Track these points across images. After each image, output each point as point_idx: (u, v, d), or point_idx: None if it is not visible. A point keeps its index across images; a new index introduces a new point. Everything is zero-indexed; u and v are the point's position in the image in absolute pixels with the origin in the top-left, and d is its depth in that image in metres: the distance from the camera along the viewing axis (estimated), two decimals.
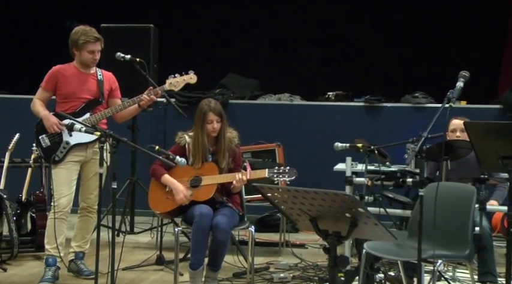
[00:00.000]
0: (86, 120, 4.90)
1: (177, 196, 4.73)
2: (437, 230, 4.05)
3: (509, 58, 8.85)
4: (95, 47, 5.03)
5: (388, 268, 4.99)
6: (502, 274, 4.22)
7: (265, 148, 6.48)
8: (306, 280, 5.16)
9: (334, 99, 7.94)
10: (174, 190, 4.75)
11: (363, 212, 2.79)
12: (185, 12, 9.35)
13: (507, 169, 4.05)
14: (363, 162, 5.23)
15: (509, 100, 7.30)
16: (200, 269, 4.60)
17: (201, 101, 4.96)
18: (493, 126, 4.46)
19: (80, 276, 5.15)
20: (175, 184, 4.77)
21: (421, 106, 7.52)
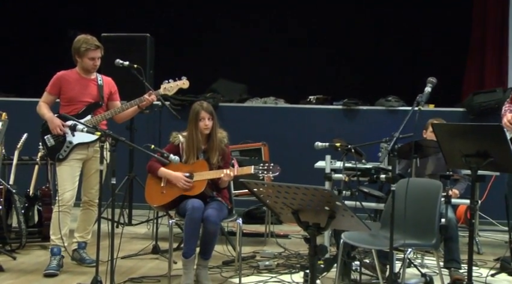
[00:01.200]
0: (88, 121, 4.89)
1: (179, 184, 4.71)
2: (408, 221, 4.08)
3: (471, 66, 8.91)
4: (95, 54, 5.03)
5: (363, 256, 5.01)
6: (465, 260, 4.25)
7: (252, 147, 6.49)
8: (289, 268, 5.17)
9: (315, 102, 7.96)
10: (174, 179, 4.73)
11: (340, 205, 2.81)
12: (179, 23, 9.35)
13: (469, 166, 4.09)
14: (341, 160, 5.26)
15: (472, 104, 7.34)
16: (192, 258, 4.60)
17: (194, 103, 4.97)
18: (457, 127, 4.51)
19: (83, 264, 5.15)
20: (172, 174, 4.75)
21: (393, 109, 7.56)
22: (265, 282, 4.81)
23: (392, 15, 9.02)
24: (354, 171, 5.16)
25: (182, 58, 8.60)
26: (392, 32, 9.05)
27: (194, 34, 9.35)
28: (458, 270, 4.75)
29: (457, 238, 4.84)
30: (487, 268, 5.22)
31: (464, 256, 4.40)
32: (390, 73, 8.84)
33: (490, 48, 8.72)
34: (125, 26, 7.37)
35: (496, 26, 8.69)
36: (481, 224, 6.66)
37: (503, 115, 4.60)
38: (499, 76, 8.59)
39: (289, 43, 9.13)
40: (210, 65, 8.85)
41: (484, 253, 5.95)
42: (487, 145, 3.99)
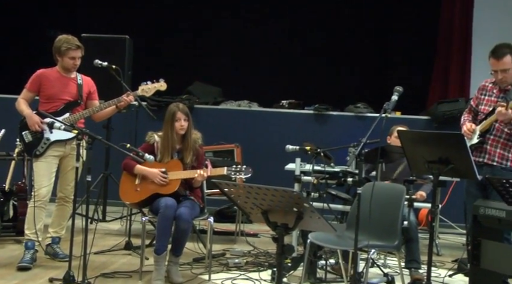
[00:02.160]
0: (66, 119, 4.86)
1: (156, 179, 4.70)
2: (372, 223, 4.11)
3: (437, 76, 9.01)
4: (75, 54, 4.99)
5: (329, 256, 5.03)
6: (425, 261, 4.29)
7: (225, 148, 6.48)
8: (257, 266, 5.17)
9: (287, 106, 7.97)
10: (150, 175, 4.73)
11: (308, 207, 2.82)
12: (157, 26, 9.30)
13: (432, 171, 4.14)
14: (310, 163, 5.29)
15: (436, 112, 7.41)
16: (164, 254, 4.58)
17: (170, 105, 4.96)
18: (421, 134, 4.55)
19: (56, 259, 5.10)
20: (148, 170, 4.74)
21: (362, 115, 7.60)
22: (234, 279, 4.80)
23: (363, 27, 9.10)
24: (323, 173, 5.19)
25: (160, 60, 8.57)
26: (363, 42, 9.14)
27: (172, 37, 9.31)
28: (418, 270, 4.80)
29: (418, 239, 4.91)
30: (446, 269, 5.29)
31: (424, 257, 4.45)
32: (360, 81, 8.92)
33: (455, 61, 8.83)
34: (104, 28, 7.32)
35: (461, 40, 8.81)
36: (441, 227, 6.73)
37: (462, 125, 4.66)
38: (461, 87, 8.70)
39: (263, 48, 9.14)
40: (187, 68, 8.82)
41: (443, 254, 6.02)
42: (449, 152, 4.03)
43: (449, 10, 8.89)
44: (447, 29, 8.92)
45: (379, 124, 4.05)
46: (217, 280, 4.78)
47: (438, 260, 5.70)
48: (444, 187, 6.10)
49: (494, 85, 4.61)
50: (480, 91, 4.70)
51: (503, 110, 4.29)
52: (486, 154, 4.51)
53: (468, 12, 8.81)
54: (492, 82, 4.64)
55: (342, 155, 6.21)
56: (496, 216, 3.80)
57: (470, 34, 8.75)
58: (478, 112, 4.66)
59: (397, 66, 9.02)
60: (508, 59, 4.43)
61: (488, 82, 4.66)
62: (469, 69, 8.63)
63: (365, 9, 9.15)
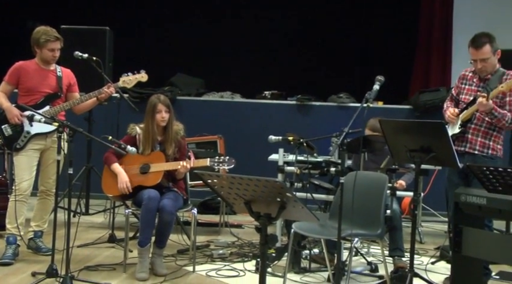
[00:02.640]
0: (46, 112, 4.82)
1: (120, 185, 4.71)
2: (355, 212, 4.14)
3: (418, 66, 9.08)
4: (54, 45, 4.94)
5: (313, 245, 5.05)
6: (408, 249, 4.33)
7: (208, 140, 6.48)
8: (242, 256, 5.18)
9: (270, 97, 7.97)
10: (118, 179, 4.73)
11: (291, 197, 2.82)
12: (138, 16, 9.26)
13: (414, 160, 4.17)
14: (293, 153, 5.30)
15: (418, 102, 7.45)
16: (148, 247, 4.58)
17: (151, 96, 4.94)
18: (403, 123, 4.58)
19: (38, 253, 5.06)
20: (121, 174, 4.75)
21: (344, 105, 7.61)
22: (219, 270, 4.81)
23: (345, 18, 9.14)
24: (306, 164, 5.21)
25: (141, 51, 8.53)
26: (345, 33, 9.18)
27: (153, 28, 9.28)
28: (402, 258, 4.83)
29: (401, 228, 4.93)
30: (428, 256, 5.33)
31: (407, 245, 4.47)
32: (342, 72, 8.94)
33: (436, 50, 8.91)
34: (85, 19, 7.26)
35: (441, 29, 8.88)
36: (424, 216, 6.78)
37: (445, 111, 4.69)
38: (443, 76, 8.78)
39: (246, 40, 9.14)
40: (169, 59, 8.79)
41: (425, 242, 6.06)
42: (430, 141, 4.07)
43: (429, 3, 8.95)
44: (428, 18, 8.99)
45: (361, 114, 4.07)
46: (202, 271, 4.78)
47: (421, 248, 5.75)
48: (426, 175, 6.23)
49: (474, 75, 4.64)
50: (460, 81, 4.73)
51: (484, 101, 4.32)
52: (468, 143, 4.55)
53: (448, 2, 8.88)
54: (472, 71, 4.67)
55: (325, 145, 6.22)
56: (477, 203, 3.83)
57: (451, 23, 8.83)
58: (459, 101, 4.69)
59: (379, 56, 9.06)
60: (487, 49, 4.45)
61: (468, 72, 4.69)
62: (450, 59, 8.71)
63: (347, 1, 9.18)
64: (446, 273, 4.66)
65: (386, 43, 9.10)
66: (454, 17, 8.89)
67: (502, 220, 4.82)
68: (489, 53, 4.45)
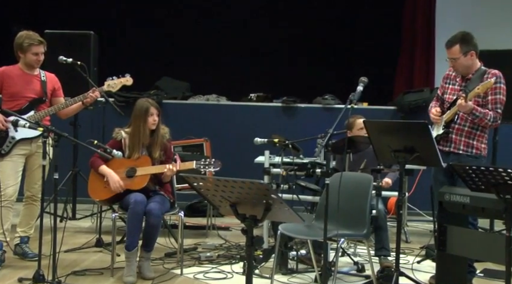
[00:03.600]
0: (30, 117, 4.79)
1: (113, 185, 4.70)
2: (341, 213, 4.15)
3: (402, 67, 9.14)
4: (38, 49, 4.93)
5: (299, 246, 5.06)
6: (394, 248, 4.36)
7: (194, 142, 6.48)
8: (229, 258, 5.19)
9: (255, 100, 7.99)
10: (110, 179, 4.72)
11: (276, 198, 2.83)
12: (123, 21, 9.25)
13: (398, 160, 4.20)
14: (279, 155, 5.32)
15: (402, 102, 7.50)
16: (135, 250, 4.57)
17: (139, 100, 4.94)
18: (387, 124, 4.62)
19: (25, 258, 5.03)
20: (111, 174, 4.74)
21: (330, 106, 7.64)
22: (206, 273, 4.81)
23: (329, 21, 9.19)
24: (292, 165, 5.22)
25: (126, 56, 8.52)
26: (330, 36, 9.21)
27: (138, 32, 9.25)
28: (388, 258, 4.85)
29: (387, 228, 4.95)
30: (414, 256, 5.37)
31: (393, 244, 4.50)
32: (327, 74, 8.97)
33: (419, 52, 8.98)
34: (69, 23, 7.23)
35: (424, 31, 8.96)
36: (410, 215, 6.82)
37: (429, 111, 4.74)
38: (426, 77, 8.85)
39: (231, 43, 9.17)
40: (154, 63, 8.79)
41: (411, 241, 6.11)
42: (414, 141, 4.10)
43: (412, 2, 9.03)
44: (411, 20, 9.07)
45: (345, 115, 4.10)
46: (190, 274, 4.78)
47: (407, 247, 5.79)
48: (411, 175, 6.25)
49: (457, 74, 4.68)
50: (445, 80, 4.78)
51: (463, 102, 4.38)
52: (452, 143, 4.59)
53: (431, 4, 8.95)
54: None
55: (310, 147, 6.25)
56: (461, 202, 3.87)
57: (434, 25, 8.91)
58: (444, 101, 4.74)
59: (363, 58, 9.10)
60: (456, 49, 4.52)
61: (451, 71, 4.74)
62: (433, 60, 8.77)
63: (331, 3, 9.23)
64: (432, 272, 4.69)
65: (370, 45, 9.15)
66: (437, 19, 8.96)
67: (485, 218, 4.89)
68: (458, 53, 4.51)
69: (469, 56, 4.53)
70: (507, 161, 6.68)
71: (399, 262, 4.27)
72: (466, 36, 4.54)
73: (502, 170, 3.31)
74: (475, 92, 4.37)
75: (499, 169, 3.33)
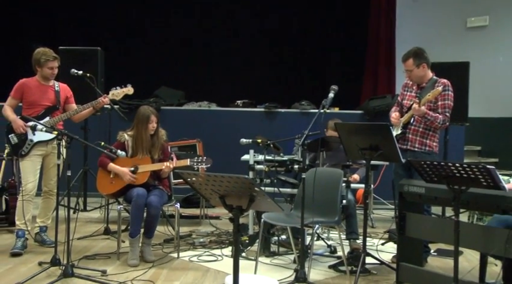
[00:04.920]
0: (46, 122, 4.78)
1: (125, 177, 4.68)
2: (315, 203, 4.17)
3: (368, 76, 9.21)
4: (53, 64, 4.92)
5: (280, 232, 5.08)
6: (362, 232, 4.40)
7: (189, 143, 6.47)
8: (219, 243, 5.19)
9: (241, 105, 7.99)
10: (120, 173, 4.70)
11: (259, 191, 2.84)
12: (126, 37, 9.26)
13: (364, 157, 4.24)
14: (262, 153, 5.34)
15: (368, 107, 7.52)
16: (138, 237, 4.57)
17: (141, 107, 4.92)
18: (355, 126, 4.65)
19: (44, 245, 5.03)
20: (120, 169, 4.73)
21: (306, 111, 7.65)
22: (200, 256, 4.82)
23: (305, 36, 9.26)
24: (273, 162, 5.24)
25: (129, 68, 8.49)
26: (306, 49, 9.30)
27: (139, 47, 9.28)
28: (356, 241, 4.88)
29: (356, 215, 4.99)
30: (379, 239, 5.41)
31: (361, 229, 4.54)
32: (304, 82, 9.02)
33: (382, 63, 9.05)
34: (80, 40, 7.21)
35: (386, 45, 9.05)
36: (375, 204, 6.86)
37: (390, 115, 4.78)
38: (388, 85, 8.93)
39: (220, 56, 9.21)
40: (153, 74, 8.79)
41: (376, 226, 6.15)
42: (378, 140, 4.14)
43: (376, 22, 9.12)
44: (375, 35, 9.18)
45: (319, 119, 4.13)
46: (185, 257, 4.78)
47: (372, 231, 5.83)
48: (376, 170, 6.31)
49: (413, 83, 4.73)
50: (404, 88, 4.82)
51: (416, 107, 4.43)
52: (409, 142, 4.63)
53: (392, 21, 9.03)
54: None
55: (289, 146, 6.28)
56: (417, 192, 3.91)
57: (394, 40, 9.00)
58: (403, 106, 4.78)
59: (334, 68, 9.17)
60: (409, 62, 4.59)
61: (409, 80, 4.79)
62: (394, 70, 8.86)
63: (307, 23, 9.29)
64: (393, 252, 4.73)
65: (340, 57, 9.24)
66: (397, 34, 9.07)
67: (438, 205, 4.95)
68: (411, 65, 4.57)
69: (421, 68, 4.58)
70: (456, 157, 6.81)
71: (366, 244, 4.31)
72: (418, 51, 4.60)
73: (451, 164, 3.35)
74: (426, 99, 4.42)
75: (449, 163, 3.37)
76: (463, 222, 3.61)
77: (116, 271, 4.33)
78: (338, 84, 4.35)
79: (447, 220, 4.54)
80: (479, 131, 8.18)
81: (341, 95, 4.52)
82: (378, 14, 9.13)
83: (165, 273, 4.34)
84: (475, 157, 8.58)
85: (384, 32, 9.05)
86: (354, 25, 9.19)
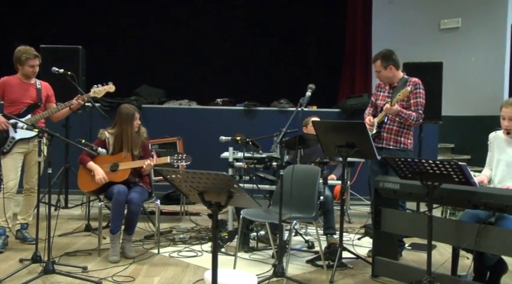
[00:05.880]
0: (28, 120, 4.73)
1: (97, 178, 4.65)
2: (293, 199, 4.17)
3: (345, 76, 9.27)
4: (34, 62, 4.86)
5: (259, 228, 5.09)
6: (339, 228, 4.42)
7: (169, 141, 6.44)
8: (199, 239, 5.18)
9: (221, 104, 7.97)
10: (95, 173, 4.67)
11: (237, 187, 2.84)
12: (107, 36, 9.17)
13: (341, 154, 4.26)
14: (241, 151, 5.33)
15: (345, 106, 7.55)
16: (118, 234, 4.54)
17: (123, 105, 4.87)
18: (332, 124, 4.68)
19: (25, 242, 4.96)
20: (97, 169, 4.69)
21: (284, 109, 7.65)
22: (180, 252, 4.80)
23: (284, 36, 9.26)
24: (252, 159, 5.24)
25: (110, 66, 8.42)
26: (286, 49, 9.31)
27: (120, 46, 9.20)
28: (333, 236, 4.90)
29: (333, 211, 5.00)
30: (355, 234, 5.45)
31: (338, 224, 4.56)
32: (283, 81, 9.02)
33: (359, 63, 9.12)
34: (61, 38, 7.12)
35: (363, 46, 9.11)
36: (352, 200, 6.91)
37: (364, 118, 4.81)
38: (365, 84, 8.99)
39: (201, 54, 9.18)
40: (134, 73, 8.73)
41: (353, 222, 6.19)
42: (354, 137, 4.17)
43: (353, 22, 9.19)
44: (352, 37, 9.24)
45: (296, 117, 4.13)
46: (166, 253, 4.76)
47: (349, 226, 5.86)
48: (353, 167, 6.34)
49: (386, 83, 4.77)
50: (377, 88, 4.86)
51: (388, 106, 4.48)
52: (384, 140, 4.66)
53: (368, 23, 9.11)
54: None
55: (268, 143, 6.27)
56: (392, 188, 3.94)
57: (370, 41, 9.06)
58: (377, 106, 4.82)
59: (313, 68, 9.21)
60: (377, 63, 4.65)
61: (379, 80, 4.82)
62: (370, 70, 8.91)
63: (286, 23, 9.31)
64: (370, 246, 4.77)
65: (319, 57, 9.27)
66: (373, 35, 9.13)
67: (412, 201, 5.00)
68: (379, 67, 4.64)
69: (388, 70, 4.63)
70: (429, 154, 6.89)
71: (343, 239, 4.34)
72: (386, 53, 4.65)
73: (424, 161, 3.39)
74: (397, 98, 4.47)
75: (422, 160, 3.41)
76: (436, 217, 3.66)
77: (96, 267, 4.30)
78: (316, 83, 4.37)
79: (421, 215, 4.57)
80: (452, 129, 8.29)
81: (319, 94, 4.54)
82: (354, 15, 9.19)
83: (146, 269, 4.32)
84: (448, 155, 8.69)
85: (361, 32, 9.11)
86: (332, 25, 9.24)
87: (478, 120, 8.21)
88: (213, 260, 2.94)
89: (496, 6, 8.31)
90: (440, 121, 6.63)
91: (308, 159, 5.46)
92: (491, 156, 3.93)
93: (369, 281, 4.12)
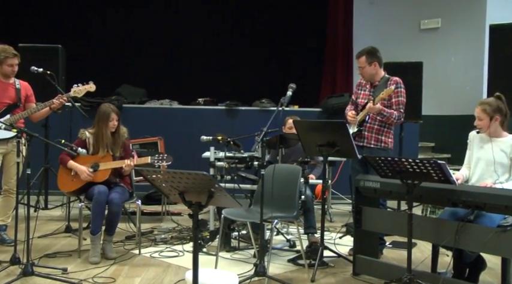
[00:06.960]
0: (7, 120, 4.67)
1: (82, 175, 4.60)
2: (274, 198, 4.17)
3: (326, 76, 9.31)
4: (13, 61, 4.80)
5: (240, 227, 5.09)
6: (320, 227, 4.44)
7: (150, 141, 6.41)
8: (181, 239, 5.15)
9: (203, 103, 7.94)
10: (78, 171, 4.62)
11: (217, 187, 2.83)
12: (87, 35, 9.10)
13: (322, 153, 4.28)
14: (223, 150, 5.32)
15: (326, 105, 7.57)
16: (99, 235, 4.50)
17: (102, 105, 4.84)
18: (312, 123, 4.69)
19: (3, 244, 4.89)
20: (78, 166, 4.64)
21: (266, 109, 7.64)
22: (161, 252, 4.78)
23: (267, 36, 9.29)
24: (233, 159, 5.23)
25: (91, 65, 8.35)
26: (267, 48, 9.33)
27: (101, 45, 9.12)
28: (315, 235, 4.91)
29: (314, 210, 5.01)
30: (336, 232, 5.47)
31: (319, 223, 4.57)
32: (264, 80, 9.03)
33: (340, 63, 9.17)
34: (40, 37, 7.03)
35: (344, 45, 9.17)
36: (333, 199, 6.93)
37: (346, 114, 4.83)
38: (346, 84, 9.04)
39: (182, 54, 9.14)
40: (115, 72, 8.66)
41: (334, 221, 6.22)
42: (335, 137, 4.18)
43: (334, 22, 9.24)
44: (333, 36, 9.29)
45: (277, 116, 4.13)
46: (147, 253, 4.74)
47: (331, 225, 5.89)
48: (334, 166, 6.37)
49: (367, 82, 4.80)
50: (357, 87, 4.88)
51: (371, 105, 4.51)
52: (365, 139, 4.69)
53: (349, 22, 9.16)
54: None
55: (249, 143, 6.25)
56: (373, 187, 3.97)
57: (351, 40, 9.12)
58: (357, 105, 4.84)
59: (294, 67, 9.23)
60: (362, 59, 4.68)
61: (362, 79, 4.85)
62: (352, 69, 8.98)
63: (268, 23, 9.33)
64: (351, 245, 4.79)
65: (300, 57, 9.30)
66: (354, 35, 9.19)
67: (392, 199, 5.04)
68: (364, 63, 4.66)
69: (372, 66, 4.66)
70: (410, 153, 6.95)
71: (324, 238, 4.35)
72: (372, 50, 4.68)
73: (404, 160, 3.42)
74: (380, 97, 4.50)
75: (402, 159, 3.44)
76: (416, 215, 3.70)
77: (77, 268, 4.26)
78: (298, 82, 4.37)
79: (401, 214, 4.62)
80: (432, 128, 8.37)
81: (301, 93, 4.55)
82: (335, 15, 9.23)
83: (127, 270, 4.29)
84: (428, 153, 8.78)
85: (342, 32, 9.17)
86: (313, 25, 9.28)
87: (457, 119, 8.30)
88: (194, 260, 2.93)
89: (476, 7, 8.41)
90: (421, 121, 6.69)
91: (288, 158, 5.47)
92: (470, 154, 3.98)
93: (350, 279, 4.14)
